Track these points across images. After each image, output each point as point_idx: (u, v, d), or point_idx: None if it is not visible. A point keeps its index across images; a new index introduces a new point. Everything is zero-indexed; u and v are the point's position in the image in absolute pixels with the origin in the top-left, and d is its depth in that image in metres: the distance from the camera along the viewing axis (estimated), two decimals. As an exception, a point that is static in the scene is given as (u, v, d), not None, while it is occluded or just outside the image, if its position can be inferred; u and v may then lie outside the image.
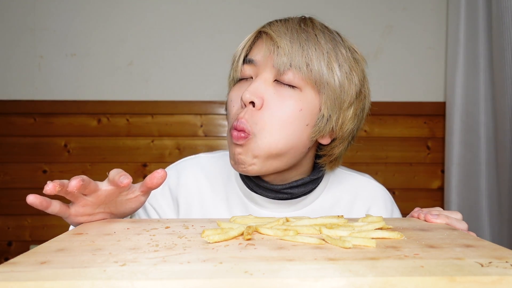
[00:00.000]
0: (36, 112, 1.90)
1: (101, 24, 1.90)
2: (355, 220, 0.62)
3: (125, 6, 1.91)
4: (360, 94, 0.74)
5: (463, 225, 0.63)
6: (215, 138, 1.94)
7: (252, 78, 0.74)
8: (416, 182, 1.95)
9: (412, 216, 0.69)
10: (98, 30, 1.90)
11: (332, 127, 0.72)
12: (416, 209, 0.70)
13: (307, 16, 0.76)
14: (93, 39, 1.90)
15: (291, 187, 0.77)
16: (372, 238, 0.50)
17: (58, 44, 1.90)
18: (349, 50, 0.73)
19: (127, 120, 1.92)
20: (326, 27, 0.75)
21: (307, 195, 0.80)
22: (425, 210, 0.68)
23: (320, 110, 0.71)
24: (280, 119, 0.69)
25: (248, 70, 0.74)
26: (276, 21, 0.74)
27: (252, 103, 0.70)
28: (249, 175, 0.74)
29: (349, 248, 0.47)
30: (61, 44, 1.90)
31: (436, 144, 1.95)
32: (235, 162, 0.73)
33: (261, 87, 0.70)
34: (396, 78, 1.95)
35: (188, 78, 1.92)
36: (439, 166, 1.95)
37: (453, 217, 0.63)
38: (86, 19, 1.90)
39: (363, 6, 1.92)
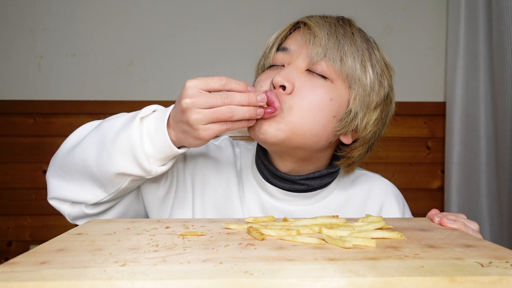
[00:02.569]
0: (36, 112, 1.89)
1: (101, 24, 1.90)
2: (355, 220, 0.62)
3: (125, 6, 1.90)
4: (387, 98, 0.76)
5: (478, 237, 0.61)
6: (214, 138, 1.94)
7: (283, 66, 0.73)
8: (416, 182, 1.95)
9: (428, 217, 0.69)
10: (98, 30, 1.90)
11: (357, 125, 0.72)
12: (434, 211, 0.69)
13: (345, 17, 0.77)
14: (93, 39, 1.90)
15: (307, 178, 0.77)
16: (372, 238, 0.50)
17: (58, 44, 1.90)
18: (382, 56, 0.75)
19: (127, 120, 1.91)
20: (362, 30, 0.76)
21: (321, 190, 0.80)
22: (442, 214, 0.67)
23: (348, 104, 0.72)
24: (310, 103, 0.69)
25: (280, 57, 0.74)
26: (315, 15, 0.75)
27: (283, 87, 0.69)
28: (265, 143, 0.72)
29: (349, 248, 0.47)
30: (61, 44, 1.90)
31: (436, 144, 1.95)
32: (254, 131, 0.70)
33: (293, 73, 0.70)
34: (396, 78, 1.94)
35: (188, 78, 1.91)
36: (439, 166, 1.95)
37: (470, 227, 0.63)
38: (86, 19, 1.90)
39: (363, 6, 1.92)
